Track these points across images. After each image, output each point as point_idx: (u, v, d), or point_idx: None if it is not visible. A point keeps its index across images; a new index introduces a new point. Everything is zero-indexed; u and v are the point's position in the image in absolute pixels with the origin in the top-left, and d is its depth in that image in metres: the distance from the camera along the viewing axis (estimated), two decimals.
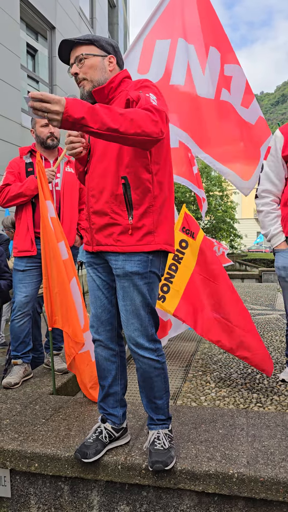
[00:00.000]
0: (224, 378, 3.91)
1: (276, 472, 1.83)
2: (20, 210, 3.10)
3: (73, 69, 1.93)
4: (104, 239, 1.91)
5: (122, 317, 1.94)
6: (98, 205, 1.89)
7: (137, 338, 1.90)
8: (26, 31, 9.05)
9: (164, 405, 2.00)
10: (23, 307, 3.03)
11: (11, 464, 2.06)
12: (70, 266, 2.70)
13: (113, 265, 1.91)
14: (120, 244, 1.87)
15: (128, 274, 1.87)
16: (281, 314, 7.34)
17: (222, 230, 22.63)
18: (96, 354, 2.09)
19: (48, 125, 3.11)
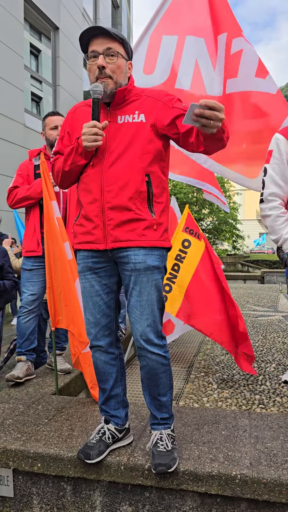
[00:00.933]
0: (227, 379, 3.91)
1: (279, 473, 1.83)
2: (28, 211, 3.18)
3: (102, 61, 1.85)
4: (124, 235, 1.89)
5: (134, 313, 1.92)
6: (119, 201, 1.87)
7: (149, 334, 1.91)
8: (29, 31, 9.07)
9: (168, 402, 2.01)
10: (29, 305, 3.08)
11: (14, 464, 2.07)
12: (74, 267, 2.70)
13: (133, 260, 1.90)
14: (145, 239, 1.90)
15: (150, 268, 1.91)
16: (283, 315, 7.33)
17: (225, 231, 22.61)
18: (95, 359, 2.07)
19: (57, 128, 3.14)
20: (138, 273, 1.90)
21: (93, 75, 1.90)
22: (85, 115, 2.00)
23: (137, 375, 4.06)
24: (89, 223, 1.95)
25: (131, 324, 1.96)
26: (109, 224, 1.90)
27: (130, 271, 1.92)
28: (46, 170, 2.65)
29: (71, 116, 2.06)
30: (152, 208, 1.92)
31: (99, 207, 1.91)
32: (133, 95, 1.97)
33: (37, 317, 3.15)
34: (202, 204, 21.77)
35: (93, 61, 1.88)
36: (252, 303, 8.79)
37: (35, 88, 9.44)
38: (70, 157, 1.93)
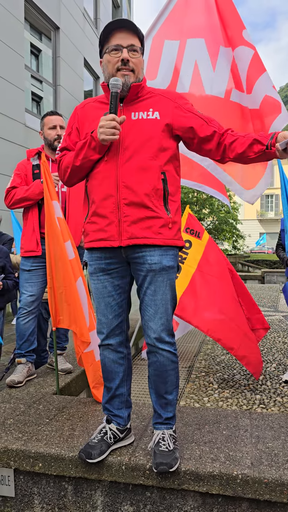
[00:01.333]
0: (227, 379, 3.91)
1: (280, 473, 1.83)
2: (27, 211, 3.15)
3: (127, 54, 1.87)
4: (141, 232, 1.88)
5: (148, 312, 1.93)
6: (136, 197, 1.87)
7: (162, 333, 1.92)
8: (30, 31, 9.07)
9: (174, 400, 2.02)
10: (28, 306, 3.06)
11: (15, 464, 2.07)
12: (76, 266, 2.69)
13: (148, 261, 1.90)
14: (161, 237, 1.90)
15: (165, 268, 1.92)
16: (284, 315, 7.33)
17: (225, 231, 22.59)
18: (103, 357, 2.07)
19: (56, 128, 3.13)
20: (154, 274, 1.91)
21: (113, 66, 1.89)
22: (95, 111, 2.00)
23: (139, 375, 4.06)
24: (102, 219, 1.91)
25: (144, 322, 1.96)
26: (125, 221, 1.88)
27: (145, 271, 1.92)
28: (47, 170, 2.64)
29: (80, 111, 2.04)
30: (168, 206, 1.93)
31: (114, 203, 1.88)
32: (146, 92, 1.98)
33: (36, 318, 3.13)
34: (203, 204, 21.77)
35: (115, 54, 1.88)
36: None
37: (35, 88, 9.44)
38: (82, 152, 1.90)
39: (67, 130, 2.08)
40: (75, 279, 2.65)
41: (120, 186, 1.87)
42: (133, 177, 1.87)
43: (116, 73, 1.89)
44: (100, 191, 1.91)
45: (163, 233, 1.90)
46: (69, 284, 2.63)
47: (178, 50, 3.66)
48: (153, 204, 1.88)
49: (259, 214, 42.13)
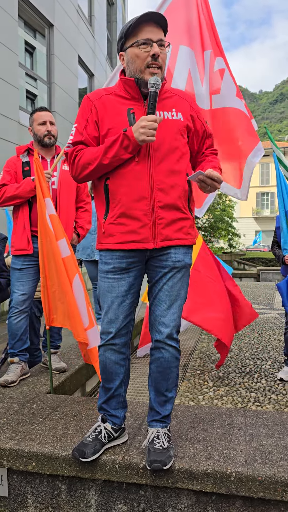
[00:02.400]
0: (222, 377, 3.91)
1: (274, 471, 1.83)
2: (17, 209, 3.10)
3: (157, 49, 1.84)
4: (174, 234, 1.91)
5: (161, 307, 1.95)
6: (170, 200, 1.88)
7: (173, 329, 1.95)
8: (24, 28, 9.02)
9: (173, 398, 2.03)
10: (20, 305, 3.03)
11: (8, 463, 2.05)
12: (72, 264, 2.65)
13: (173, 258, 1.93)
14: (190, 237, 1.98)
15: (186, 265, 1.99)
16: (279, 313, 7.35)
17: (220, 229, 22.60)
18: (104, 358, 2.02)
19: (46, 124, 3.10)
20: (175, 270, 1.95)
21: (142, 61, 1.84)
22: (116, 105, 1.91)
23: (134, 373, 4.06)
24: (134, 221, 1.87)
25: (154, 316, 1.97)
26: (160, 223, 1.88)
27: (168, 268, 1.94)
28: (40, 167, 2.61)
29: (98, 103, 1.92)
30: (191, 206, 2.00)
31: (148, 205, 1.86)
32: (165, 91, 1.97)
33: (28, 317, 3.11)
34: None
35: (145, 48, 1.84)
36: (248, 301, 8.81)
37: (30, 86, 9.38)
38: (112, 150, 1.82)
39: (82, 123, 1.94)
40: (71, 276, 2.61)
41: (154, 188, 1.87)
42: (166, 179, 1.88)
43: (145, 70, 1.85)
44: (131, 192, 1.86)
45: (191, 233, 2.00)
46: (62, 283, 2.61)
47: (170, 55, 3.70)
48: (183, 206, 1.94)
49: (254, 212, 42.19)
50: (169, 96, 1.97)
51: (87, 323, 2.62)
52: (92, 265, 4.65)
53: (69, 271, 2.62)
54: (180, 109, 1.95)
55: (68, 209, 3.20)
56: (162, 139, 1.87)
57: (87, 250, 4.58)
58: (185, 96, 2.03)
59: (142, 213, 1.86)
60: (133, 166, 1.86)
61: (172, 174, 1.88)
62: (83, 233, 3.42)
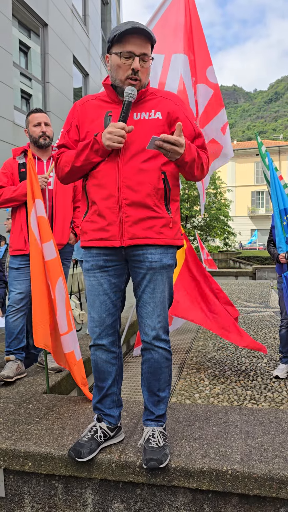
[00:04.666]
0: (218, 376, 3.92)
1: (269, 468, 1.84)
2: (14, 210, 3.15)
3: (137, 64, 1.84)
4: (142, 232, 1.88)
5: (146, 309, 1.94)
6: (137, 197, 1.86)
7: (159, 330, 1.94)
8: (18, 28, 8.99)
9: (166, 398, 2.03)
10: (17, 304, 3.06)
11: (5, 463, 2.05)
12: (57, 266, 2.55)
13: (149, 259, 1.90)
14: (162, 237, 1.92)
15: (165, 266, 1.94)
16: (274, 311, 7.37)
17: (216, 228, 22.66)
18: (95, 357, 2.05)
19: (40, 125, 3.11)
20: (154, 272, 1.92)
21: (123, 72, 1.86)
22: (96, 109, 1.96)
23: (129, 372, 4.06)
24: (103, 219, 1.91)
25: (141, 319, 1.96)
26: (126, 221, 1.88)
27: (145, 269, 1.92)
28: (33, 167, 2.60)
29: (80, 108, 2.00)
30: (169, 206, 1.95)
31: (115, 203, 1.88)
32: (149, 94, 1.97)
33: (26, 316, 3.13)
34: (194, 201, 21.80)
35: (127, 61, 1.84)
36: (244, 299, 8.83)
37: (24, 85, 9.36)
38: (83, 153, 1.89)
39: (66, 127, 2.04)
40: (53, 280, 2.53)
41: (121, 186, 1.87)
42: (134, 177, 1.86)
43: (125, 80, 1.87)
44: (100, 191, 1.90)
45: (164, 233, 1.92)
46: (36, 287, 2.53)
47: (163, 64, 3.74)
48: (155, 204, 1.89)
49: (250, 210, 42.29)
50: (152, 98, 1.96)
51: (65, 328, 2.56)
52: None
53: (52, 274, 2.52)
54: (160, 109, 1.93)
55: (64, 209, 3.21)
56: (133, 139, 1.87)
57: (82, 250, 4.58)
58: (169, 96, 1.99)
59: (110, 211, 1.89)
60: (103, 165, 1.90)
61: (141, 172, 1.86)
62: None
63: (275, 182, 3.67)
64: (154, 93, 1.98)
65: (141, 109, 1.93)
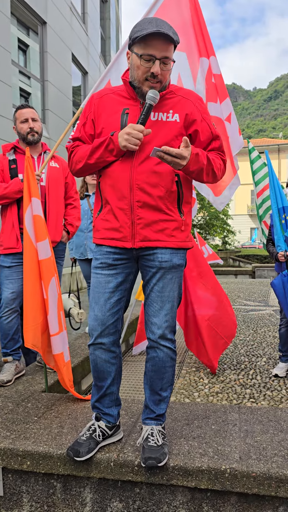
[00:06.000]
0: (218, 374, 3.92)
1: (268, 467, 1.83)
2: (5, 208, 3.08)
3: (158, 69, 1.79)
4: (154, 235, 1.88)
5: (153, 307, 1.94)
6: (150, 200, 1.85)
7: (165, 329, 1.94)
8: (17, 26, 8.97)
9: (168, 398, 2.03)
10: (10, 304, 3.01)
11: (3, 462, 2.05)
12: (51, 266, 2.54)
13: (159, 258, 1.91)
14: (173, 240, 1.92)
15: (175, 266, 1.94)
16: (274, 309, 7.37)
17: (216, 226, 22.64)
18: (95, 357, 2.02)
19: (28, 121, 3.04)
20: (164, 271, 1.92)
21: (142, 74, 1.82)
22: (114, 104, 1.93)
23: (128, 371, 4.06)
24: (116, 219, 1.90)
25: (148, 316, 1.96)
26: (138, 223, 1.87)
27: (155, 268, 1.92)
28: (31, 166, 2.58)
29: (98, 102, 1.97)
30: (182, 208, 1.94)
31: (127, 204, 1.87)
32: (169, 92, 1.93)
33: (19, 316, 3.07)
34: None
35: (147, 63, 1.80)
36: (243, 298, 8.83)
37: (23, 84, 9.33)
38: (98, 151, 1.87)
39: (82, 120, 2.00)
40: (47, 280, 2.51)
41: (134, 188, 1.86)
42: (147, 179, 1.85)
43: (144, 81, 1.84)
44: (114, 191, 1.90)
45: (176, 236, 1.92)
46: (27, 287, 2.51)
47: None
48: (167, 207, 1.89)
49: (250, 209, 42.27)
50: (171, 97, 1.93)
51: (56, 329, 2.54)
52: (86, 264, 4.65)
53: (46, 274, 2.49)
54: (178, 110, 1.90)
55: (57, 205, 3.19)
56: (149, 140, 1.85)
57: (80, 248, 4.57)
58: (189, 96, 1.96)
59: (122, 212, 1.89)
60: (117, 166, 1.89)
61: (154, 174, 1.85)
62: (73, 230, 3.41)
63: (274, 181, 3.66)
64: (174, 92, 1.94)
65: (159, 108, 1.90)
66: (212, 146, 1.99)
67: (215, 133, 1.99)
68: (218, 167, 1.96)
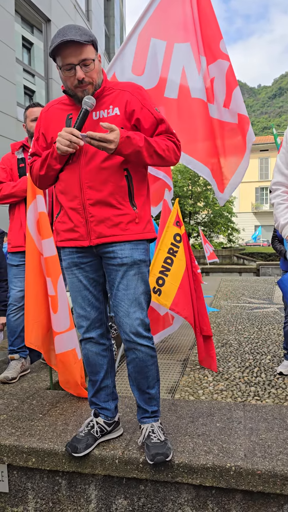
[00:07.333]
0: (222, 372, 3.92)
1: (273, 465, 1.83)
2: (13, 206, 3.10)
3: (81, 73, 1.82)
4: (108, 230, 1.90)
5: (122, 307, 1.93)
6: (100, 196, 1.88)
7: (138, 327, 1.92)
8: (21, 24, 8.98)
9: (157, 394, 2.03)
10: (18, 301, 3.03)
11: (9, 459, 2.06)
12: (57, 264, 2.53)
13: (119, 255, 1.91)
14: (129, 233, 1.92)
15: (136, 262, 1.94)
16: (278, 307, 7.35)
17: (220, 224, 22.60)
18: (86, 351, 2.08)
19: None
20: (126, 268, 1.92)
21: (71, 83, 1.87)
22: (58, 113, 1.98)
23: None
24: (70, 220, 1.95)
25: (119, 318, 1.96)
26: (92, 221, 1.91)
27: (117, 265, 1.93)
28: None
29: (44, 115, 2.03)
30: (134, 201, 1.94)
31: (80, 204, 1.91)
32: (106, 89, 1.95)
33: None
34: (197, 197, 21.74)
35: (70, 73, 1.84)
36: (248, 296, 8.81)
37: (27, 82, 9.35)
38: (46, 162, 1.94)
39: (35, 135, 2.08)
40: (55, 277, 2.49)
41: (84, 187, 1.89)
42: (95, 177, 1.88)
43: (75, 89, 1.87)
44: (66, 193, 1.94)
45: (131, 228, 1.93)
46: (29, 285, 2.51)
47: (165, 52, 3.67)
48: (118, 202, 1.90)
49: (254, 207, 42.14)
50: (109, 93, 1.95)
51: (67, 325, 2.51)
52: None
53: (53, 271, 2.49)
54: (117, 104, 1.92)
55: None
56: None
57: None
58: (126, 88, 1.96)
59: (75, 212, 1.92)
60: (67, 170, 1.94)
61: (102, 170, 1.87)
62: None
63: None
64: (112, 87, 1.97)
65: (99, 107, 1.92)
66: (158, 130, 1.98)
67: (158, 117, 1.97)
68: (164, 148, 1.92)
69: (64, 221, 1.98)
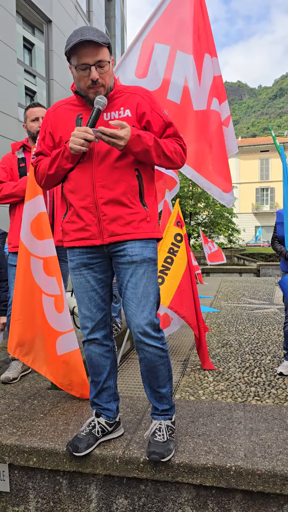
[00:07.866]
0: (222, 372, 3.93)
1: (273, 465, 1.84)
2: (13, 206, 3.10)
3: (96, 74, 1.84)
4: (121, 229, 1.91)
5: (130, 307, 1.93)
6: (113, 195, 1.89)
7: (146, 327, 1.92)
8: (22, 24, 8.99)
9: (168, 393, 2.03)
10: None
11: (10, 459, 2.07)
12: (57, 265, 2.54)
13: (130, 252, 1.92)
14: (141, 231, 1.94)
15: (146, 260, 1.95)
16: (279, 308, 7.36)
17: (220, 225, 22.61)
18: (89, 352, 2.08)
19: (38, 120, 3.07)
20: (135, 266, 1.93)
21: (84, 83, 1.88)
22: (67, 113, 1.99)
23: (133, 369, 4.07)
24: (82, 220, 1.94)
25: (127, 317, 1.96)
26: (104, 219, 1.91)
27: (127, 263, 1.93)
28: None
29: (53, 115, 2.04)
30: (144, 201, 1.96)
31: (92, 202, 1.91)
32: (117, 92, 1.98)
33: None
34: (198, 198, 21.76)
35: (85, 73, 1.85)
36: (248, 296, 8.82)
37: (28, 82, 9.35)
38: (56, 161, 1.93)
39: (41, 135, 2.08)
40: (59, 276, 2.48)
41: (96, 186, 1.90)
42: (108, 176, 1.89)
43: (88, 90, 1.89)
44: (77, 192, 1.94)
45: (142, 227, 1.95)
46: (20, 293, 2.48)
47: (168, 57, 3.70)
48: (130, 201, 1.92)
49: (254, 207, 42.15)
50: (119, 96, 1.97)
51: (71, 326, 2.52)
52: None
53: (55, 271, 2.49)
54: (128, 106, 1.95)
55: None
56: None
57: None
58: (136, 91, 1.99)
59: (87, 211, 1.92)
60: (77, 169, 1.94)
61: (115, 170, 1.89)
62: None
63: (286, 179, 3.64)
64: (122, 91, 2.00)
65: (111, 108, 1.95)
66: (167, 133, 2.02)
67: (167, 121, 2.01)
68: (171, 150, 1.96)
69: (73, 221, 1.97)
